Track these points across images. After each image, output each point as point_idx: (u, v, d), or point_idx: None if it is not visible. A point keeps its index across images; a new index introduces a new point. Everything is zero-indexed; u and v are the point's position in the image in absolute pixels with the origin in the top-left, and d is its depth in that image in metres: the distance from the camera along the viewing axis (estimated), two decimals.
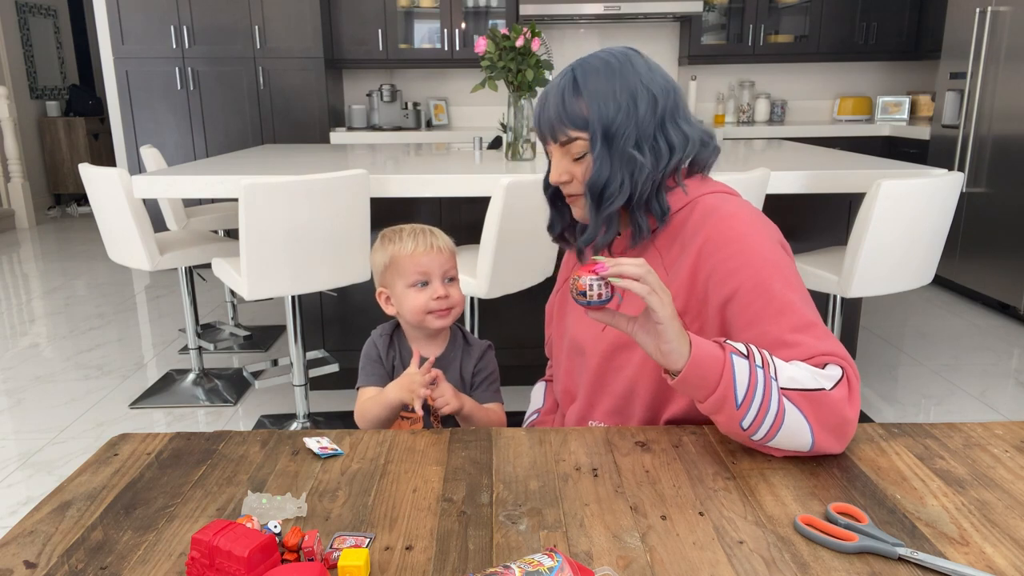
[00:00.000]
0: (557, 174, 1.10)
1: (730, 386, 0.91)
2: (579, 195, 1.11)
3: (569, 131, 1.06)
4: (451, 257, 1.31)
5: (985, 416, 2.74)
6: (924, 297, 4.25)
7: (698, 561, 0.75)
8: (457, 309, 1.30)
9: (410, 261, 1.27)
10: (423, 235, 1.29)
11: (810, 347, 0.97)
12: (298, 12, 4.63)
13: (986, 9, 3.79)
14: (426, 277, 1.28)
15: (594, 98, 1.05)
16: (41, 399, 2.99)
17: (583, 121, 1.05)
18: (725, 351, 0.93)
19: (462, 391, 1.32)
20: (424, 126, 5.22)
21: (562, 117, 1.06)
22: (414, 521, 0.83)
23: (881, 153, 4.77)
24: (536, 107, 1.12)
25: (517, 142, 2.84)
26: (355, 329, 2.99)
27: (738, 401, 0.91)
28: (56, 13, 7.85)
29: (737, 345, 0.94)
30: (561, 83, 1.08)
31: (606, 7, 4.67)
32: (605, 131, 1.05)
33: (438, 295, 1.27)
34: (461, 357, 1.34)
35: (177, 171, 2.51)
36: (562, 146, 1.08)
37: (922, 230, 2.22)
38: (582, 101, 1.05)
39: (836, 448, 0.94)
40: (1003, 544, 0.78)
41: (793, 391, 0.92)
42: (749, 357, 0.93)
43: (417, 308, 1.27)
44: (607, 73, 1.06)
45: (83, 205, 7.57)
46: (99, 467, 0.96)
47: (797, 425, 0.91)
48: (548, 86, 1.11)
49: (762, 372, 0.92)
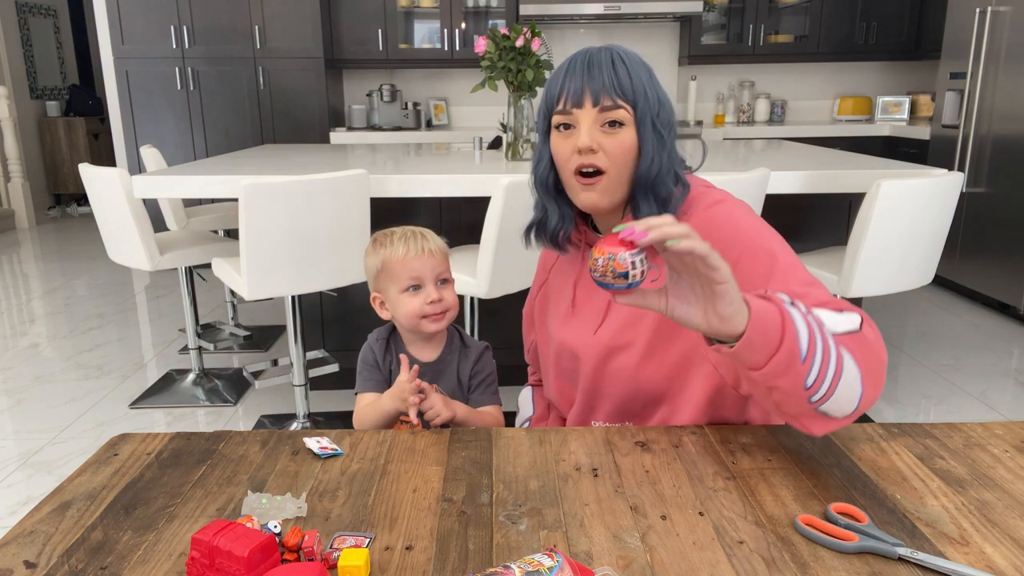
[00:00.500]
0: (588, 138, 1.02)
1: (795, 339, 0.81)
2: (601, 174, 1.04)
3: (618, 99, 1.02)
4: (443, 259, 1.28)
5: (985, 416, 2.74)
6: (924, 297, 4.25)
7: (698, 561, 0.75)
8: (452, 312, 1.29)
9: (402, 266, 1.25)
10: (414, 239, 1.27)
11: (822, 294, 0.95)
12: (298, 12, 4.64)
13: (986, 9, 3.79)
14: (419, 281, 1.26)
15: (640, 78, 1.03)
16: (41, 399, 2.99)
17: (631, 93, 1.02)
18: (775, 300, 0.84)
19: (459, 394, 1.31)
20: (424, 126, 5.22)
21: (614, 80, 1.02)
22: (414, 521, 0.83)
23: (881, 153, 4.77)
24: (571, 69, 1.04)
25: (517, 142, 2.84)
26: (355, 329, 2.99)
27: (803, 354, 0.82)
28: (56, 13, 7.85)
29: (780, 295, 0.86)
30: (606, 50, 1.04)
31: (606, 7, 4.67)
32: (654, 117, 1.03)
33: (431, 299, 1.25)
34: (458, 360, 1.33)
35: (177, 171, 2.51)
36: (601, 111, 1.02)
37: (922, 230, 2.22)
38: (630, 78, 1.03)
39: (874, 396, 0.88)
40: (1003, 544, 0.78)
41: (841, 335, 0.86)
42: (795, 305, 0.84)
43: (411, 313, 1.26)
44: (645, 68, 1.05)
45: (83, 205, 7.57)
46: (99, 467, 0.96)
47: (851, 376, 0.85)
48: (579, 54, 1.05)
49: (813, 320, 0.84)
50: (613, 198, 1.06)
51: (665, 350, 1.08)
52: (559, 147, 1.06)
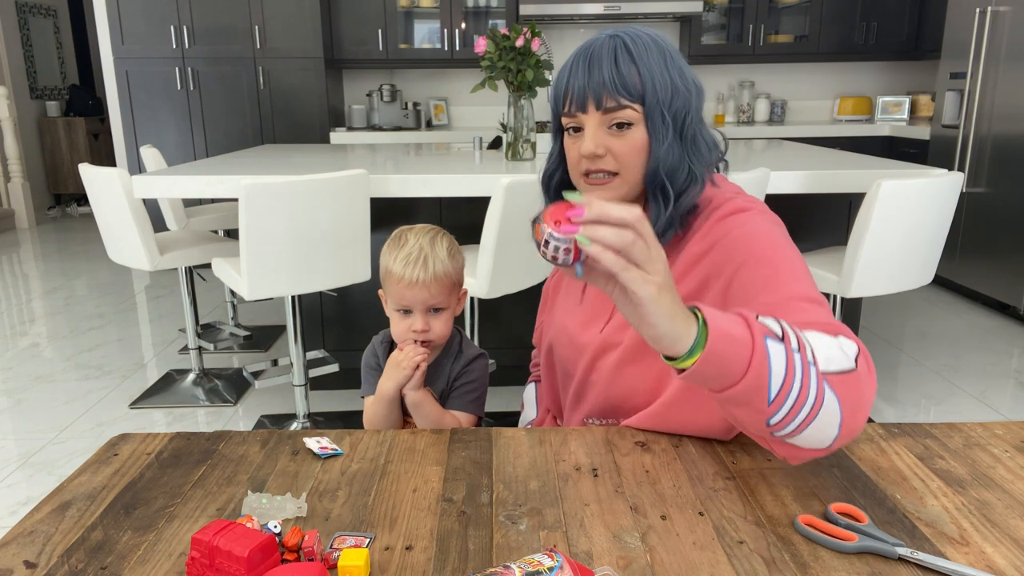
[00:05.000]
0: (594, 144, 0.96)
1: (764, 377, 0.75)
2: (613, 176, 0.99)
3: (621, 98, 0.95)
4: (440, 289, 1.22)
5: (985, 416, 2.74)
6: (924, 297, 4.25)
7: (698, 561, 0.75)
8: (438, 342, 1.27)
9: (395, 287, 1.23)
10: (416, 263, 1.20)
11: (815, 316, 0.87)
12: (298, 12, 4.63)
13: (986, 9, 3.79)
14: (408, 308, 1.24)
15: (650, 69, 0.95)
16: (41, 399, 2.99)
17: (637, 91, 0.95)
18: (753, 332, 0.75)
19: (445, 395, 1.31)
20: (424, 126, 5.22)
21: (616, 81, 0.94)
22: (414, 521, 0.83)
23: (881, 153, 4.77)
24: (572, 69, 0.98)
25: (517, 142, 2.84)
26: (355, 329, 2.99)
27: (771, 396, 0.75)
28: (56, 13, 7.85)
29: (767, 321, 0.77)
30: (610, 45, 0.96)
31: (606, 7, 4.67)
32: (666, 108, 0.95)
33: (415, 328, 1.23)
34: (451, 365, 1.32)
35: (177, 171, 2.51)
36: (605, 114, 0.96)
37: (922, 230, 2.22)
38: (635, 69, 0.95)
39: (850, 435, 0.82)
40: (1003, 544, 0.78)
41: (832, 375, 0.79)
42: (784, 339, 0.76)
43: (397, 333, 1.26)
44: (657, 47, 0.97)
45: (83, 205, 7.57)
46: (99, 467, 0.96)
47: (829, 418, 0.79)
48: (582, 50, 0.98)
49: (799, 357, 0.76)
50: (627, 197, 1.01)
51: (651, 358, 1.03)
52: (569, 149, 1.02)
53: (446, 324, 1.26)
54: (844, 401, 0.80)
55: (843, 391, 0.80)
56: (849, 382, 0.80)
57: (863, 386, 0.82)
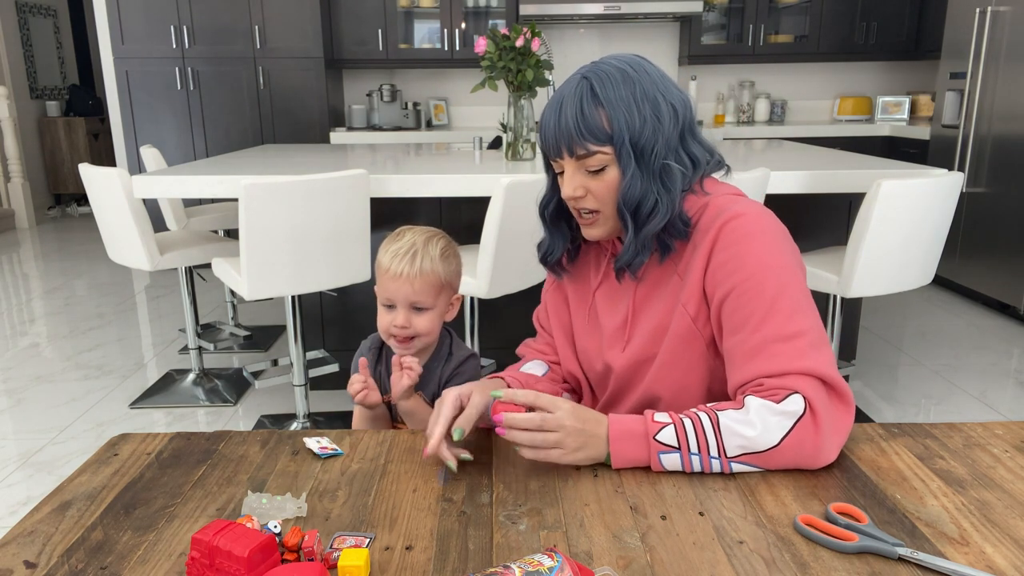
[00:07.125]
0: (571, 188, 1.02)
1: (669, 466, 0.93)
2: (596, 212, 1.04)
3: (589, 144, 0.99)
4: (425, 287, 1.23)
5: (985, 416, 2.74)
6: (924, 297, 4.25)
7: (698, 561, 0.75)
8: (420, 340, 1.26)
9: (382, 279, 1.24)
10: (404, 257, 1.22)
11: (783, 363, 0.93)
12: (298, 12, 4.63)
13: (986, 9, 3.79)
14: (391, 302, 1.24)
15: (616, 108, 0.98)
16: (41, 399, 2.99)
17: (605, 134, 0.98)
18: (651, 450, 0.92)
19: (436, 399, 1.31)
20: (424, 126, 5.22)
21: (581, 130, 0.98)
22: (414, 521, 0.83)
23: (881, 153, 4.77)
24: (546, 118, 1.03)
25: (517, 142, 2.84)
26: (355, 329, 2.99)
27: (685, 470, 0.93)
28: (56, 13, 7.85)
29: (663, 436, 0.92)
30: (576, 92, 0.99)
31: (606, 7, 4.67)
32: (633, 144, 0.98)
33: (396, 324, 1.23)
34: (441, 368, 1.32)
35: (177, 171, 2.51)
36: (578, 160, 1.01)
37: (922, 230, 2.22)
38: (602, 112, 0.98)
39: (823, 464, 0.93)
40: (1003, 544, 0.78)
41: (746, 455, 0.91)
42: (680, 448, 0.92)
43: (381, 327, 1.27)
44: (625, 82, 0.99)
45: (83, 205, 7.57)
46: (99, 467, 0.96)
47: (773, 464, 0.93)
48: (557, 96, 1.02)
49: (698, 459, 0.92)
50: (612, 230, 1.07)
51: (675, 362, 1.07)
52: (561, 185, 1.06)
53: (430, 324, 1.26)
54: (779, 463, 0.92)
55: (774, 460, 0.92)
56: (766, 459, 0.91)
57: (786, 457, 0.91)
